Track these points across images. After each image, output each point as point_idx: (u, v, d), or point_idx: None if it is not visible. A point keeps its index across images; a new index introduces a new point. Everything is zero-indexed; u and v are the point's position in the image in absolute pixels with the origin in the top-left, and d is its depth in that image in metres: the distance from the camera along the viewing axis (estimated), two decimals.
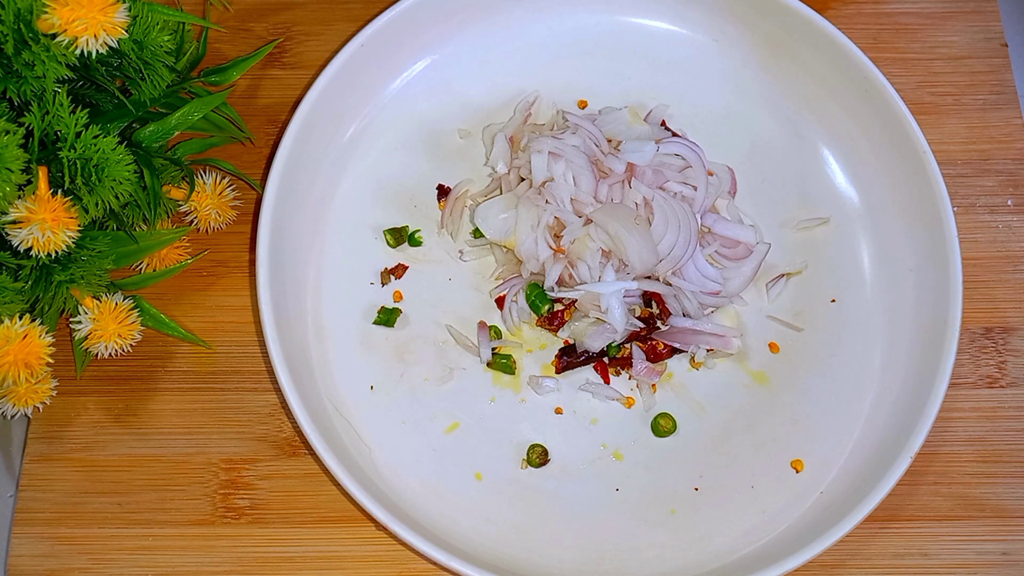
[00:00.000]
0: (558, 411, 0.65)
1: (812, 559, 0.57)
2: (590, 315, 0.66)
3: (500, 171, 0.69)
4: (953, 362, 0.60)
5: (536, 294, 0.66)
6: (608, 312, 0.64)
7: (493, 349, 0.66)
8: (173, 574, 0.62)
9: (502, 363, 0.66)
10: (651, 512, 0.63)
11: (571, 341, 0.66)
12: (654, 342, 0.66)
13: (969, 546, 0.63)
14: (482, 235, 0.68)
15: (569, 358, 0.66)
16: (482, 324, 0.67)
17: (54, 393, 0.62)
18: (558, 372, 0.66)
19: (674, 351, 0.66)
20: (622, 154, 0.67)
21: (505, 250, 0.68)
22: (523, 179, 0.68)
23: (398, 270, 0.68)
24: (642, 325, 0.66)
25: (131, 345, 0.62)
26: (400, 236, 0.69)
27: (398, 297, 0.68)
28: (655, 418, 0.65)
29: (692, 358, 0.66)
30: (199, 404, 0.66)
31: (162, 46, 0.62)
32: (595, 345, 0.65)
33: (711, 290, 0.67)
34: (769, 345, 0.67)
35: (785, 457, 0.64)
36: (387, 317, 0.67)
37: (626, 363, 0.66)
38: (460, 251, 0.69)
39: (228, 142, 0.70)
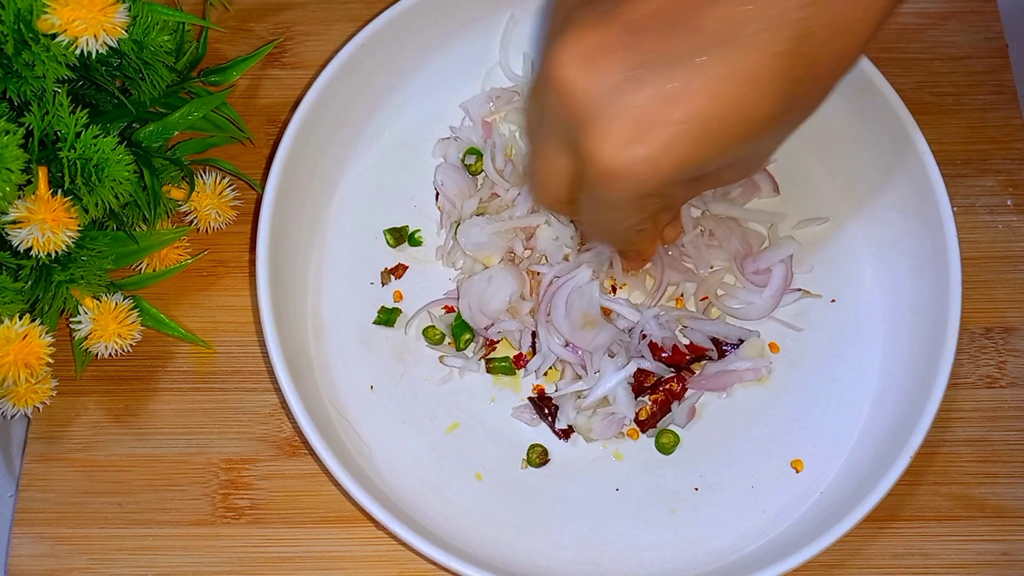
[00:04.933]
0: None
1: (812, 559, 0.57)
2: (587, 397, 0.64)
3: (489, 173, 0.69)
4: (953, 362, 0.60)
5: (459, 323, 0.66)
6: (615, 402, 0.63)
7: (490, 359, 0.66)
8: (173, 574, 0.62)
9: (501, 366, 0.66)
10: (651, 512, 0.63)
11: (544, 389, 0.66)
12: (670, 386, 0.65)
13: (969, 546, 0.63)
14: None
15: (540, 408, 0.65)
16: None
17: (54, 393, 0.62)
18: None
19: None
20: None
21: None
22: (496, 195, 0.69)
23: (398, 270, 0.68)
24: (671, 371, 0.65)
25: (131, 345, 0.62)
26: (400, 236, 0.69)
27: (398, 297, 0.68)
28: (658, 435, 0.65)
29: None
30: (199, 404, 0.66)
31: (162, 46, 0.62)
32: (608, 434, 0.64)
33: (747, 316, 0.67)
34: (769, 345, 0.67)
35: (785, 457, 0.64)
36: (387, 317, 0.67)
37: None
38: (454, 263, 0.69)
39: (228, 142, 0.70)
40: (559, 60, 0.47)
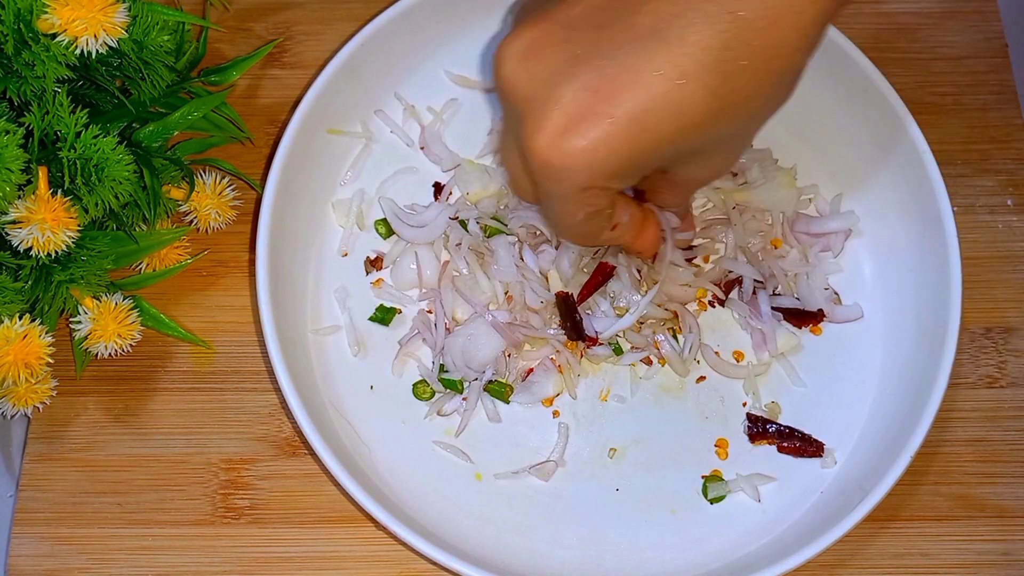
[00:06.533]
0: (555, 414, 0.65)
1: (812, 559, 0.57)
2: None
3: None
4: (953, 362, 0.60)
5: (445, 379, 0.65)
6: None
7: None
8: (173, 574, 0.62)
9: (496, 390, 0.65)
10: (651, 512, 0.63)
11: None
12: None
13: (969, 546, 0.63)
14: None
15: None
16: None
17: (54, 393, 0.62)
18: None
19: None
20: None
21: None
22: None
23: (378, 262, 0.68)
24: None
25: (131, 345, 0.62)
26: (390, 226, 0.69)
27: (378, 284, 0.68)
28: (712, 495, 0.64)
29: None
30: (199, 404, 0.66)
31: (162, 46, 0.62)
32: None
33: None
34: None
35: (785, 457, 0.64)
36: (383, 315, 0.67)
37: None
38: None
39: (228, 142, 0.70)
40: (501, 57, 0.49)
